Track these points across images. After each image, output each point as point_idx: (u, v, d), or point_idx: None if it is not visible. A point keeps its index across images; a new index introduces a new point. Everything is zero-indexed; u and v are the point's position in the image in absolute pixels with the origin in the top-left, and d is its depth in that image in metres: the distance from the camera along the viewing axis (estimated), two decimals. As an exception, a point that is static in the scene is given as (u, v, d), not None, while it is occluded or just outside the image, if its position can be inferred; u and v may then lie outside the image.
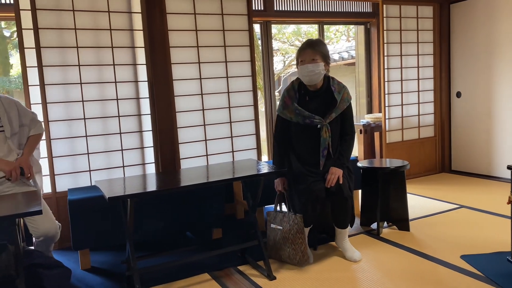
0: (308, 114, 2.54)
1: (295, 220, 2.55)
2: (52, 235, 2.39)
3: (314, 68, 2.50)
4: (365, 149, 4.77)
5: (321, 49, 2.54)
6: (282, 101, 2.67)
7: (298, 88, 2.64)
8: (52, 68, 3.10)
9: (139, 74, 3.43)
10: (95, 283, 2.53)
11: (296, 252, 2.57)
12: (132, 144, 3.43)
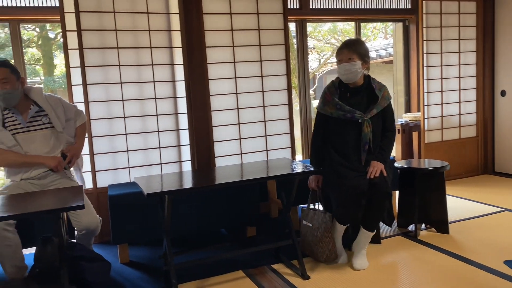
0: (349, 108, 2.55)
1: (323, 218, 2.56)
2: (93, 228, 2.49)
3: (351, 67, 2.52)
4: (403, 149, 4.66)
5: (358, 48, 2.55)
6: (323, 98, 2.69)
7: (339, 85, 2.66)
8: (94, 68, 3.22)
9: (176, 74, 3.50)
10: (133, 277, 2.61)
11: (323, 250, 2.57)
12: (169, 142, 3.51)
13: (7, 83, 2.45)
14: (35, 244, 2.46)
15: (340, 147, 2.63)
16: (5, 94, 2.45)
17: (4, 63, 2.48)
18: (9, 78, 2.46)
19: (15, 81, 2.49)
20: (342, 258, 2.64)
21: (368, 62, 2.59)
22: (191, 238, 3.19)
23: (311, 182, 2.70)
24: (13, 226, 2.33)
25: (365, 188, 2.48)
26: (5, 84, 2.44)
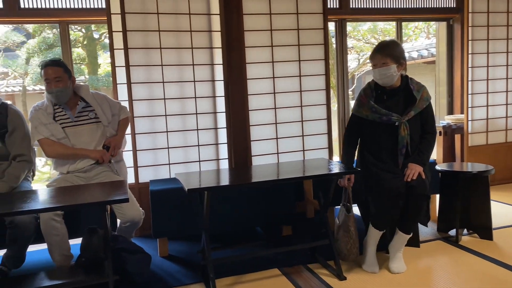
0: (385, 111, 2.51)
1: (345, 218, 2.54)
2: (137, 221, 2.59)
3: (385, 71, 2.49)
4: (445, 152, 4.52)
5: (391, 51, 2.50)
6: (358, 100, 2.66)
7: (375, 87, 2.62)
8: (137, 68, 3.34)
9: (215, 74, 3.57)
10: (172, 270, 2.69)
11: (341, 249, 2.57)
12: (207, 140, 3.58)
13: (60, 81, 2.60)
14: (81, 235, 2.58)
15: (375, 151, 2.59)
16: (57, 92, 2.60)
17: (58, 63, 2.63)
18: (62, 77, 2.61)
19: (67, 80, 2.64)
20: (372, 267, 2.56)
21: (404, 64, 2.54)
22: (228, 235, 3.24)
23: (342, 179, 2.64)
24: (60, 217, 2.46)
25: (402, 190, 2.44)
26: (58, 83, 2.59)
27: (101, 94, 2.89)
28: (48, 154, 2.68)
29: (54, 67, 2.60)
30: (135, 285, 2.43)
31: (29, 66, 8.76)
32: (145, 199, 3.23)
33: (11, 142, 2.59)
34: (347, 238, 2.53)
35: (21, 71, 8.89)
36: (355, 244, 2.54)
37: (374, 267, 2.55)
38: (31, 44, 8.56)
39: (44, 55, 8.50)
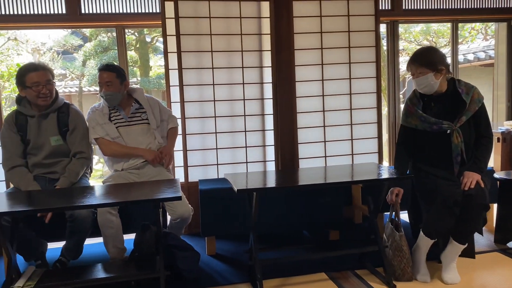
0: (434, 120, 2.42)
1: (395, 237, 2.45)
2: (186, 217, 2.66)
3: (423, 81, 2.42)
4: (503, 160, 4.28)
5: (425, 60, 2.41)
6: (405, 110, 2.58)
7: (420, 95, 2.53)
8: (189, 70, 3.43)
9: (264, 76, 3.60)
10: (219, 268, 2.74)
11: (395, 269, 2.47)
12: (255, 142, 3.62)
13: (110, 86, 2.75)
14: (134, 230, 2.69)
15: (429, 159, 2.50)
16: (106, 95, 2.76)
17: (111, 68, 2.78)
18: (113, 82, 2.76)
19: (118, 85, 2.78)
20: (423, 277, 2.47)
21: (443, 70, 2.41)
22: (274, 237, 3.25)
23: (390, 194, 2.54)
24: (116, 211, 2.58)
25: (459, 198, 2.34)
26: (108, 87, 2.75)
27: (155, 99, 3.02)
28: (104, 152, 2.83)
29: (108, 72, 2.76)
30: (184, 281, 2.49)
31: (85, 68, 9.22)
32: (194, 198, 3.30)
33: (72, 140, 2.74)
34: (400, 257, 2.45)
35: (78, 73, 9.38)
36: (408, 263, 2.44)
37: (426, 276, 2.47)
38: (87, 47, 9.02)
39: (99, 58, 8.93)
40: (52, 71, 2.73)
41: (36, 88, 2.61)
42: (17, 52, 8.99)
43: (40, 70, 2.64)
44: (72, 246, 2.64)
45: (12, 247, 2.24)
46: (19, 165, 2.64)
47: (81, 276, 2.28)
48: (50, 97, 2.67)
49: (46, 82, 2.63)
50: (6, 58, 8.24)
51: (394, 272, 2.47)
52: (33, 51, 9.34)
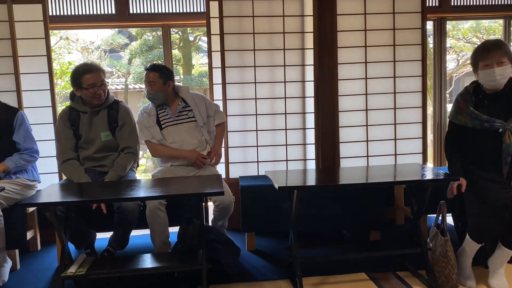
0: (486, 118, 2.33)
1: (440, 241, 2.38)
2: (227, 203, 2.70)
3: (503, 72, 2.28)
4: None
5: (507, 49, 2.30)
6: (455, 106, 2.49)
7: (473, 91, 2.44)
8: (232, 69, 3.49)
9: (306, 74, 3.60)
10: (259, 264, 2.78)
11: (439, 275, 2.39)
12: (295, 140, 3.62)
13: (153, 86, 2.87)
14: (178, 224, 2.78)
15: (477, 159, 2.41)
16: (149, 94, 2.89)
17: (155, 68, 2.88)
18: (156, 82, 2.86)
19: (161, 85, 2.88)
20: (468, 282, 2.40)
21: None
22: (314, 235, 3.25)
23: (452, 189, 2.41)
24: (164, 206, 2.67)
25: (509, 202, 2.25)
26: (152, 87, 2.87)
27: (199, 94, 3.09)
28: (152, 154, 3.02)
29: (152, 72, 2.87)
30: (225, 275, 2.55)
31: (131, 66, 9.55)
32: (234, 194, 3.34)
33: (120, 135, 2.87)
34: (444, 263, 2.38)
35: (124, 71, 9.73)
36: (453, 270, 2.37)
37: (471, 281, 2.40)
38: (133, 46, 9.33)
39: (144, 56, 9.21)
40: (104, 71, 2.87)
41: (92, 89, 2.74)
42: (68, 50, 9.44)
43: (95, 72, 2.76)
44: (119, 236, 2.77)
45: (65, 235, 2.38)
46: (71, 159, 2.80)
47: (127, 266, 2.38)
48: (104, 96, 2.81)
49: (101, 83, 2.77)
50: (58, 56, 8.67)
51: (437, 279, 2.40)
52: (82, 50, 9.78)
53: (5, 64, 3.30)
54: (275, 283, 2.49)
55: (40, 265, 2.89)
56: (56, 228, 2.33)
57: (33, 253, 3.13)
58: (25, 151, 2.82)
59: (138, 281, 2.56)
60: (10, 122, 2.79)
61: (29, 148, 2.83)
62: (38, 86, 3.40)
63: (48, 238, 3.31)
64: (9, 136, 2.79)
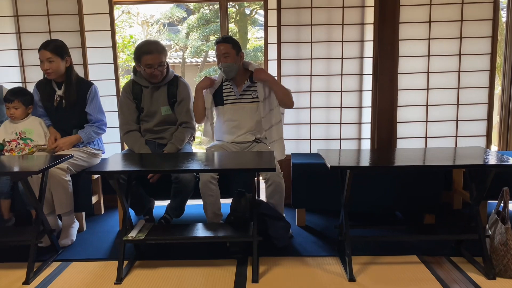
0: None
1: (500, 229, 2.26)
2: (277, 181, 2.70)
3: None
4: None
5: None
6: None
7: None
8: (288, 45, 3.46)
9: (365, 50, 3.49)
10: (308, 240, 2.81)
11: (496, 263, 2.29)
12: (350, 118, 3.56)
13: (227, 57, 2.84)
14: (230, 196, 2.87)
15: None
16: (225, 67, 2.85)
17: (226, 39, 2.87)
18: (229, 53, 2.84)
19: (234, 56, 2.86)
20: None
21: None
22: (365, 215, 3.23)
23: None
24: (216, 180, 2.76)
25: None
26: (226, 59, 2.84)
27: None
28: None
29: (224, 44, 2.84)
30: (274, 248, 2.62)
31: (188, 40, 9.72)
32: (286, 171, 3.38)
33: (179, 110, 2.97)
34: (503, 252, 2.28)
35: (181, 45, 9.93)
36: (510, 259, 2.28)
37: None
38: (191, 20, 9.46)
39: (201, 30, 9.33)
40: (165, 52, 2.89)
41: (149, 69, 2.83)
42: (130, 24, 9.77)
43: (153, 54, 2.82)
44: (176, 205, 2.91)
45: (127, 201, 2.54)
46: (133, 130, 2.95)
47: (183, 233, 2.50)
48: (161, 76, 2.89)
49: (158, 64, 2.84)
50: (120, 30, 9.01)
51: (494, 267, 2.31)
52: (142, 23, 10.07)
53: (73, 39, 3.50)
54: (324, 260, 2.52)
55: (104, 228, 3.12)
56: (118, 195, 2.49)
57: (97, 217, 3.38)
58: (95, 123, 3.01)
59: (192, 248, 2.69)
60: (83, 94, 2.98)
61: (99, 120, 3.02)
62: (102, 60, 3.58)
63: (111, 203, 3.56)
64: (82, 108, 2.99)
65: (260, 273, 2.34)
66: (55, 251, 2.65)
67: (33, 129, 2.89)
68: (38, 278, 2.35)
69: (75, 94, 2.95)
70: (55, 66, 2.86)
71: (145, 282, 2.28)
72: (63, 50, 2.90)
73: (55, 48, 2.86)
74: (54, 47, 2.86)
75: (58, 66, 2.87)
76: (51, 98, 2.97)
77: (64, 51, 2.91)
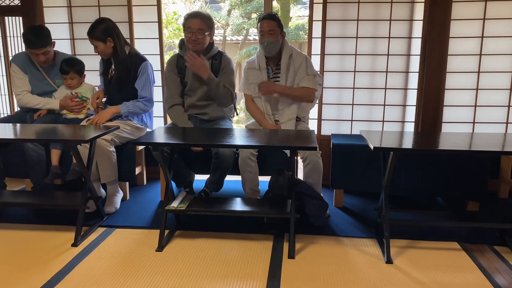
0: None
1: None
2: (316, 161, 2.70)
3: None
4: None
5: None
6: None
7: None
8: (333, 22, 3.38)
9: (414, 30, 3.36)
10: (345, 221, 2.81)
11: None
12: (394, 100, 3.47)
13: (272, 34, 2.81)
14: (268, 173, 2.89)
15: None
16: (268, 42, 2.81)
17: (273, 16, 2.85)
18: (275, 30, 2.81)
19: (278, 34, 2.84)
20: None
21: None
22: (405, 198, 3.17)
23: None
24: (255, 157, 2.79)
25: None
26: (271, 35, 2.81)
27: (303, 55, 2.93)
28: (246, 107, 3.06)
29: (269, 21, 2.82)
30: (310, 226, 2.63)
31: (230, 17, 9.68)
32: (325, 151, 3.37)
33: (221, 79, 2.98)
34: None
35: (223, 22, 9.90)
36: None
37: None
38: (233, -3, 9.39)
39: (244, 8, 9.26)
40: (209, 22, 2.88)
41: (188, 33, 2.86)
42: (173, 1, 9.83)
43: (197, 18, 2.85)
44: (215, 179, 2.97)
45: (169, 173, 2.61)
46: (178, 104, 3.01)
47: (222, 206, 2.56)
48: (199, 44, 2.88)
49: (197, 30, 2.85)
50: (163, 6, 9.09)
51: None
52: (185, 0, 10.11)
53: (121, 13, 3.57)
54: (361, 241, 2.51)
55: (145, 198, 3.24)
56: (161, 166, 2.57)
57: (139, 187, 3.51)
58: (141, 99, 3.09)
59: (229, 221, 2.75)
60: (136, 69, 3.06)
61: (144, 96, 3.09)
62: (148, 35, 3.64)
63: (152, 175, 3.68)
64: (132, 83, 3.08)
65: (297, 249, 2.37)
66: (101, 217, 2.79)
67: (88, 90, 3.07)
68: (85, 241, 2.49)
69: (125, 70, 3.03)
70: (100, 49, 2.97)
71: (184, 250, 2.36)
72: (103, 34, 2.95)
73: (96, 34, 2.94)
74: (95, 33, 2.94)
75: (103, 49, 2.97)
76: (107, 72, 3.09)
77: (105, 34, 2.95)
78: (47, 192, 2.91)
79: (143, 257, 2.30)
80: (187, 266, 2.19)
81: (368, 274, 2.12)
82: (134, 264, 2.21)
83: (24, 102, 3.13)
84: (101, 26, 2.95)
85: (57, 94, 3.15)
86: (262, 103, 2.95)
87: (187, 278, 2.07)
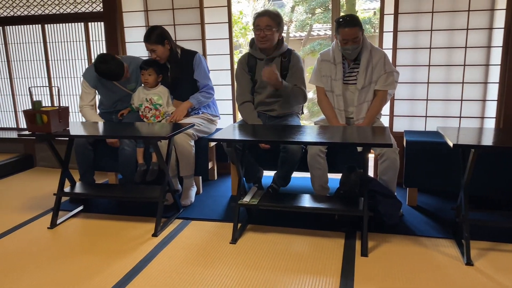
0: None
1: None
2: (393, 157, 2.63)
3: None
4: None
5: None
6: None
7: None
8: (405, 15, 3.27)
9: (495, 21, 3.16)
10: (419, 220, 2.72)
11: None
12: (473, 95, 3.29)
13: (356, 41, 2.73)
14: (338, 171, 2.88)
15: None
16: (353, 49, 2.76)
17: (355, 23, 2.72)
18: (359, 36, 2.73)
19: (361, 39, 2.77)
20: None
21: None
22: (486, 198, 3.00)
23: None
24: (324, 154, 2.79)
25: None
26: (355, 43, 2.74)
27: (381, 51, 2.87)
28: (318, 100, 3.04)
29: (352, 28, 2.71)
30: (383, 225, 2.58)
31: (293, 14, 9.66)
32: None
33: (292, 81, 3.01)
34: None
35: (286, 19, 9.91)
36: None
37: None
38: (298, -7, 9.35)
39: (308, 4, 9.20)
40: (276, 19, 2.93)
41: (257, 31, 2.94)
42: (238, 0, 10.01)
43: (265, 16, 2.93)
44: (283, 174, 3.01)
45: (242, 168, 2.70)
46: (248, 101, 3.09)
47: (293, 202, 2.59)
48: (267, 41, 2.93)
49: (265, 27, 2.91)
50: (229, 7, 9.27)
51: None
52: (249, -1, 10.24)
53: (193, 15, 3.72)
54: (437, 241, 2.42)
55: (217, 193, 3.36)
56: (234, 162, 2.66)
57: (211, 182, 3.65)
58: (203, 88, 3.24)
59: (300, 217, 2.78)
60: (190, 63, 3.22)
61: (205, 85, 3.24)
62: (218, 35, 3.76)
63: (223, 170, 3.81)
64: (191, 76, 3.23)
65: (369, 247, 2.35)
66: (177, 210, 2.94)
67: (162, 96, 3.20)
68: (164, 232, 2.65)
69: (180, 69, 3.21)
70: (159, 53, 3.13)
71: (256, 244, 2.43)
72: (161, 37, 3.11)
73: (154, 38, 3.09)
74: (153, 38, 3.09)
75: (162, 52, 3.14)
76: (165, 75, 3.25)
77: (162, 37, 3.12)
78: (129, 186, 3.12)
79: (218, 248, 2.40)
80: (260, 259, 2.26)
81: (447, 275, 2.05)
82: (210, 255, 2.32)
83: (82, 114, 3.33)
84: (157, 31, 3.13)
85: (136, 96, 3.25)
86: (334, 98, 2.92)
87: (261, 271, 2.13)
